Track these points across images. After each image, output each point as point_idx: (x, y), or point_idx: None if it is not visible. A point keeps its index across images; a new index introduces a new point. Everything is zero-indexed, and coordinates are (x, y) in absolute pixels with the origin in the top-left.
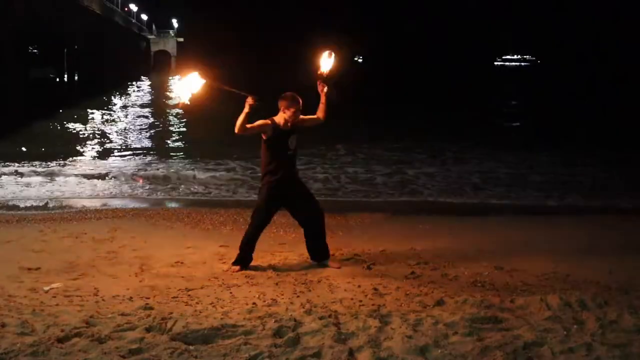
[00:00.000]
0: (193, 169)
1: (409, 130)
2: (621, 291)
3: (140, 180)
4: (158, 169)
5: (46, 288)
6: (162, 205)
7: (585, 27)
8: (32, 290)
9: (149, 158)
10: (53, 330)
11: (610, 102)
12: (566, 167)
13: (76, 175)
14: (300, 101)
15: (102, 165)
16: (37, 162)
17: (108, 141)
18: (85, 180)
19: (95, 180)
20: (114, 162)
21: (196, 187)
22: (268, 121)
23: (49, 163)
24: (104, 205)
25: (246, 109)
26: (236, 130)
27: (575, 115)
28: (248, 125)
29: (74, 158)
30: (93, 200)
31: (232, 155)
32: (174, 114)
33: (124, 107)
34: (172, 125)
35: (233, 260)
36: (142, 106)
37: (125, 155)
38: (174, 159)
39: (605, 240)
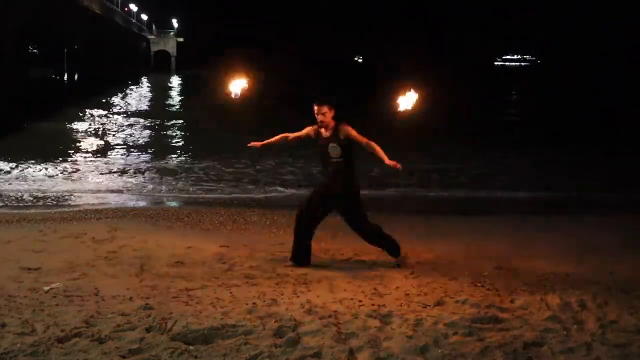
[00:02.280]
0: (191, 169)
1: (404, 129)
2: (621, 291)
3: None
4: (158, 169)
5: (46, 288)
6: (162, 205)
7: (585, 27)
8: (32, 290)
9: (148, 158)
10: (53, 330)
11: (610, 102)
12: (565, 166)
13: (76, 175)
14: (318, 106)
15: (102, 166)
16: (37, 162)
17: (108, 141)
18: (85, 180)
19: (95, 180)
20: (113, 163)
21: (196, 187)
22: (312, 127)
23: (49, 163)
24: (104, 205)
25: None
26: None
27: (575, 115)
28: (292, 136)
29: (74, 158)
30: (93, 200)
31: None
32: (173, 116)
33: (124, 107)
34: (172, 126)
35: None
36: (141, 106)
37: (125, 156)
38: (174, 160)
39: (605, 240)
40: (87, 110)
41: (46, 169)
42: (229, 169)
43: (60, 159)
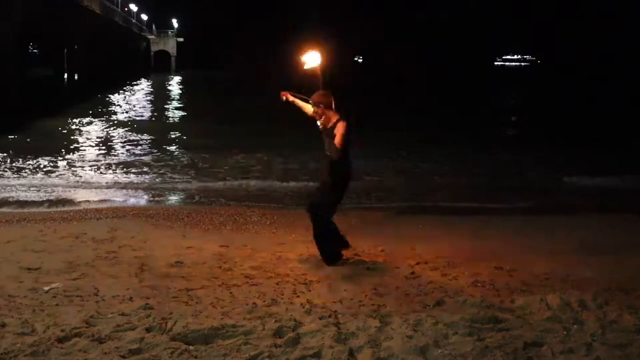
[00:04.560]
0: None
1: (402, 131)
2: (621, 291)
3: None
4: (158, 169)
5: (46, 288)
6: (162, 205)
7: (585, 27)
8: (32, 290)
9: (148, 158)
10: (53, 330)
11: (609, 103)
12: (565, 167)
13: (76, 175)
14: (318, 99)
15: (102, 166)
16: (37, 162)
17: (107, 142)
18: (85, 180)
19: (95, 180)
20: (113, 163)
21: (196, 187)
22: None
23: (48, 163)
24: (104, 205)
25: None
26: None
27: (575, 116)
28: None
29: (74, 159)
30: (93, 200)
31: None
32: (173, 116)
33: (124, 107)
34: (172, 126)
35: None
36: (142, 106)
37: (124, 156)
38: (174, 160)
39: (605, 240)
40: (86, 110)
41: (46, 169)
42: (228, 166)
43: (60, 159)
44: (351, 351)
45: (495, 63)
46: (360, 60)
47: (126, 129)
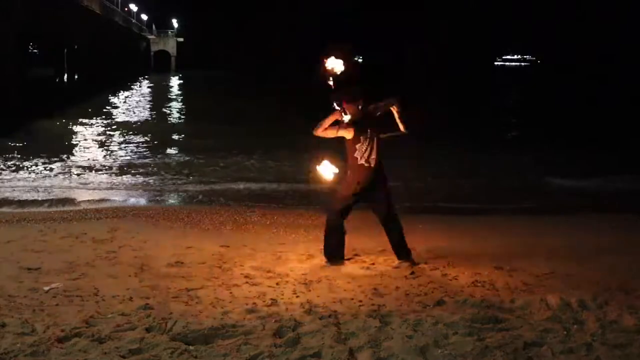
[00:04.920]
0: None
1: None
2: (621, 291)
3: None
4: (158, 170)
5: (46, 288)
6: (162, 205)
7: (585, 27)
8: (32, 290)
9: (149, 158)
10: (53, 330)
11: (609, 103)
12: (564, 167)
13: (76, 175)
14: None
15: (102, 166)
16: (36, 162)
17: (107, 142)
18: (85, 180)
19: (95, 180)
20: (113, 163)
21: (196, 187)
22: None
23: (48, 163)
24: (104, 205)
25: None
26: None
27: (574, 116)
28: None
29: (74, 158)
30: (93, 200)
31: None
32: (173, 116)
33: (124, 107)
34: (172, 127)
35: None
36: (141, 106)
37: (124, 156)
38: (174, 160)
39: (606, 240)
40: (86, 110)
41: (46, 169)
42: (227, 166)
43: (60, 159)
44: (351, 351)
45: (495, 63)
46: (360, 60)
47: (126, 129)
